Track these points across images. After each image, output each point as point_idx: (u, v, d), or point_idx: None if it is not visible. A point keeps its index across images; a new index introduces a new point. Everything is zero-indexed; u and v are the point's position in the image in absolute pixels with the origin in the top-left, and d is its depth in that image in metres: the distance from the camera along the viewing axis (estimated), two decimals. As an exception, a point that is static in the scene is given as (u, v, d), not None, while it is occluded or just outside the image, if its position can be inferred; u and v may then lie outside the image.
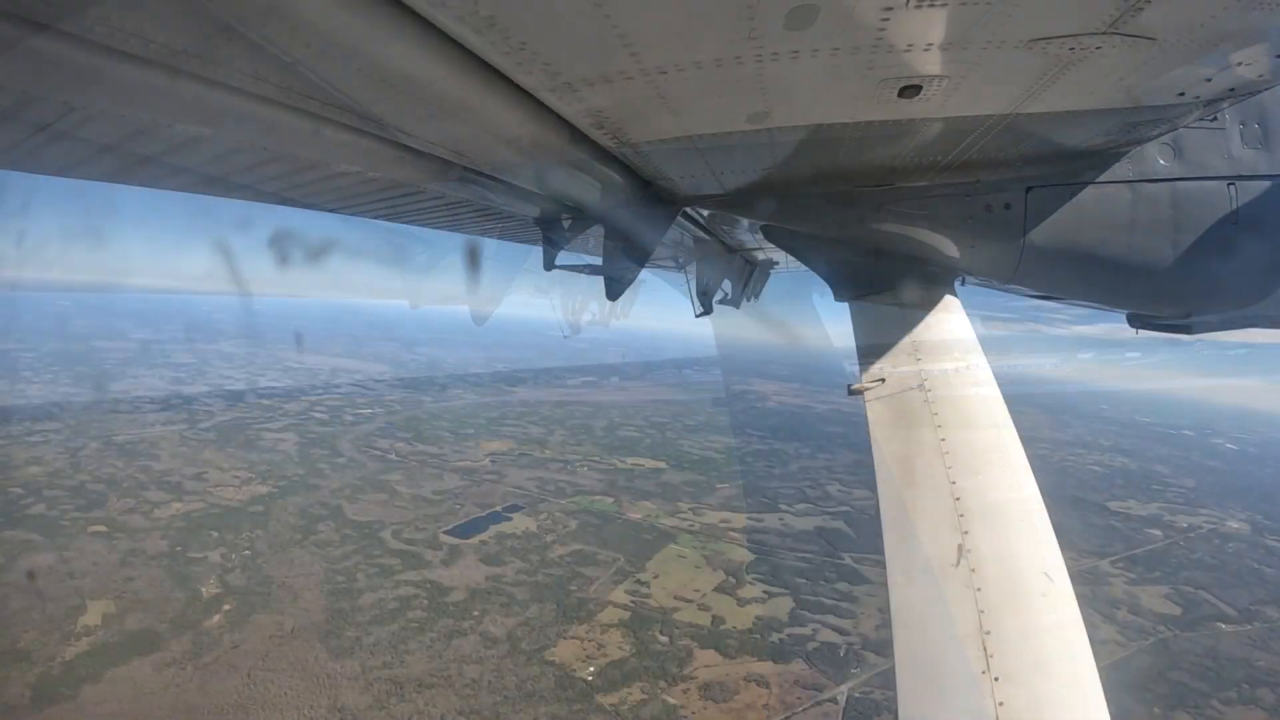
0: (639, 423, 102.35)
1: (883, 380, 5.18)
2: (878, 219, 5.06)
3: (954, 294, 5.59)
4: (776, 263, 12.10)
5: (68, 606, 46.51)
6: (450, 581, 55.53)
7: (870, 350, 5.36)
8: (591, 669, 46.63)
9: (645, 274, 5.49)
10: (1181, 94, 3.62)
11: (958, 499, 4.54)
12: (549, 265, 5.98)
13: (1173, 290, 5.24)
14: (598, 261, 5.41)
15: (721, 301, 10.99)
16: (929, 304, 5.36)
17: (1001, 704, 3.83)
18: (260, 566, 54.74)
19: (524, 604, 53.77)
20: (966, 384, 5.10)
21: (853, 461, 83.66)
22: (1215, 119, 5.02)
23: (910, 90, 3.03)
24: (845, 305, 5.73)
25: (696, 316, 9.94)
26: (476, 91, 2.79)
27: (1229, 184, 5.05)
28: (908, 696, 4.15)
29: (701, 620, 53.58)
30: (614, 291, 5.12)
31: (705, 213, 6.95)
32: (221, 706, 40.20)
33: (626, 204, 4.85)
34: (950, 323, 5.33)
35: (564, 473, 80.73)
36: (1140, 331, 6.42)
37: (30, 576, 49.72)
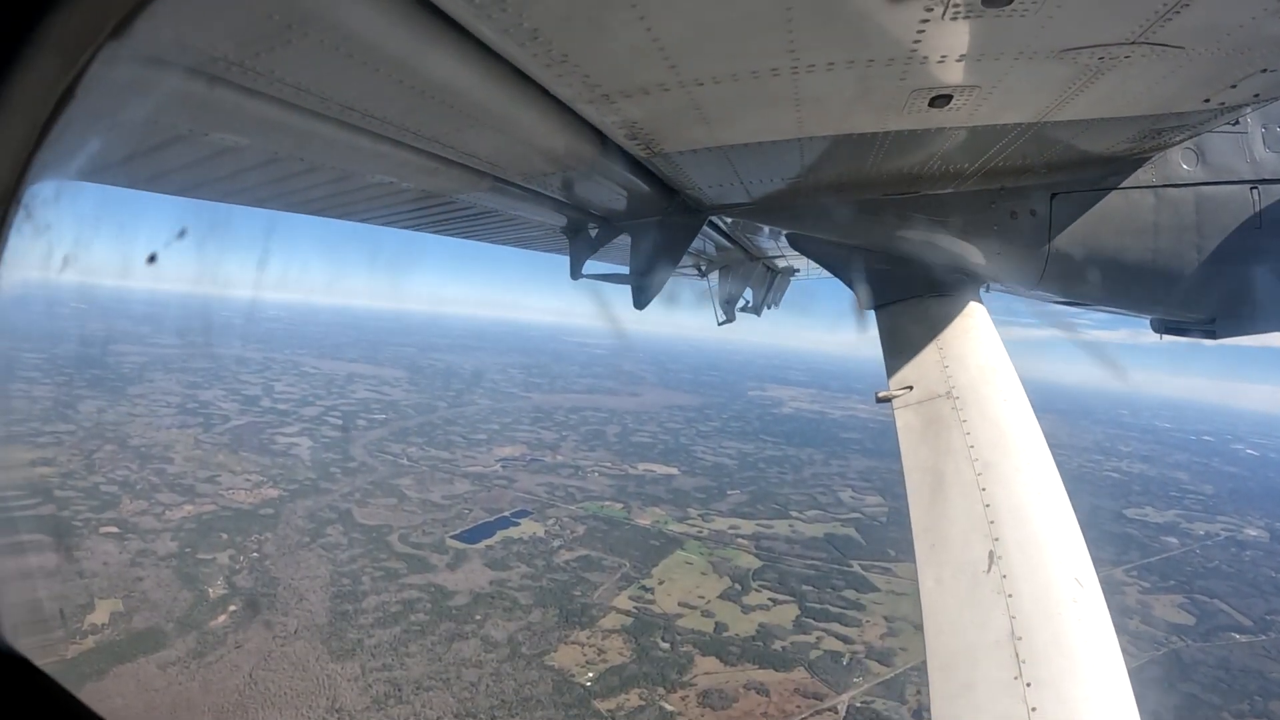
0: (653, 428, 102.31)
1: (910, 388, 5.18)
2: (903, 226, 5.09)
3: (979, 300, 5.60)
4: (797, 270, 12.13)
5: (76, 605, 46.74)
6: (454, 586, 55.70)
7: (897, 358, 5.37)
8: (590, 674, 46.74)
9: (670, 281, 5.52)
10: (1207, 100, 3.63)
11: (988, 505, 4.54)
12: (576, 274, 6.02)
13: (1197, 294, 5.24)
14: (625, 270, 5.44)
15: (744, 309, 11.02)
16: (955, 311, 5.37)
17: (1034, 709, 3.82)
18: (267, 568, 55.10)
19: (527, 609, 53.88)
20: (994, 390, 5.09)
21: (866, 468, 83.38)
22: (1238, 123, 5.04)
23: (941, 100, 3.06)
24: (871, 313, 5.75)
25: (720, 324, 9.95)
26: (513, 103, 2.84)
27: (1252, 188, 5.06)
28: (941, 702, 4.13)
29: (704, 627, 53.49)
30: (641, 300, 5.15)
31: (729, 221, 6.99)
32: (222, 705, 40.72)
33: (654, 213, 4.90)
34: (976, 329, 5.34)
35: (574, 478, 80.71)
36: (1164, 336, 6.41)
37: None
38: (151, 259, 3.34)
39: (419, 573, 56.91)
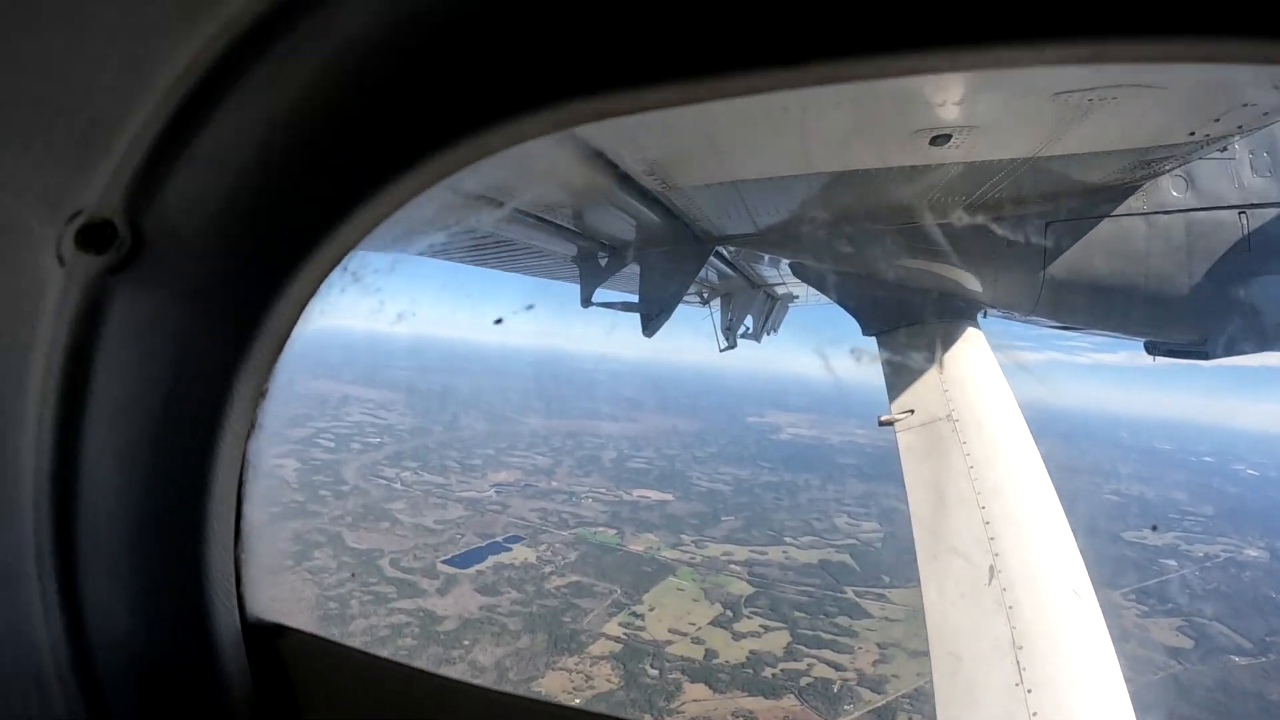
0: (649, 454, 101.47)
1: (911, 411, 5.33)
2: (904, 255, 5.25)
3: (977, 326, 5.76)
4: (796, 296, 12.29)
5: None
6: (444, 610, 55.19)
7: (898, 382, 5.52)
8: (577, 701, 45.96)
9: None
10: (1192, 133, 3.81)
11: (988, 522, 4.69)
12: (586, 301, 6.14)
13: (1189, 317, 5.40)
14: (634, 298, 5.57)
15: (744, 335, 11.14)
16: (954, 336, 5.54)
17: (1035, 714, 3.94)
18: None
19: (515, 634, 53.45)
20: (992, 412, 5.25)
21: (863, 493, 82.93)
22: (1225, 149, 5.21)
23: (941, 139, 3.22)
24: (872, 339, 5.91)
25: (721, 351, 10.08)
26: (547, 142, 2.95)
27: (1240, 212, 5.23)
28: (946, 706, 4.25)
29: (694, 654, 53.06)
30: (650, 328, 5.28)
31: (731, 250, 7.15)
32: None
33: (664, 243, 5.04)
34: (975, 354, 5.50)
35: (568, 504, 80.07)
36: (1158, 359, 6.56)
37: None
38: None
39: (408, 597, 56.30)
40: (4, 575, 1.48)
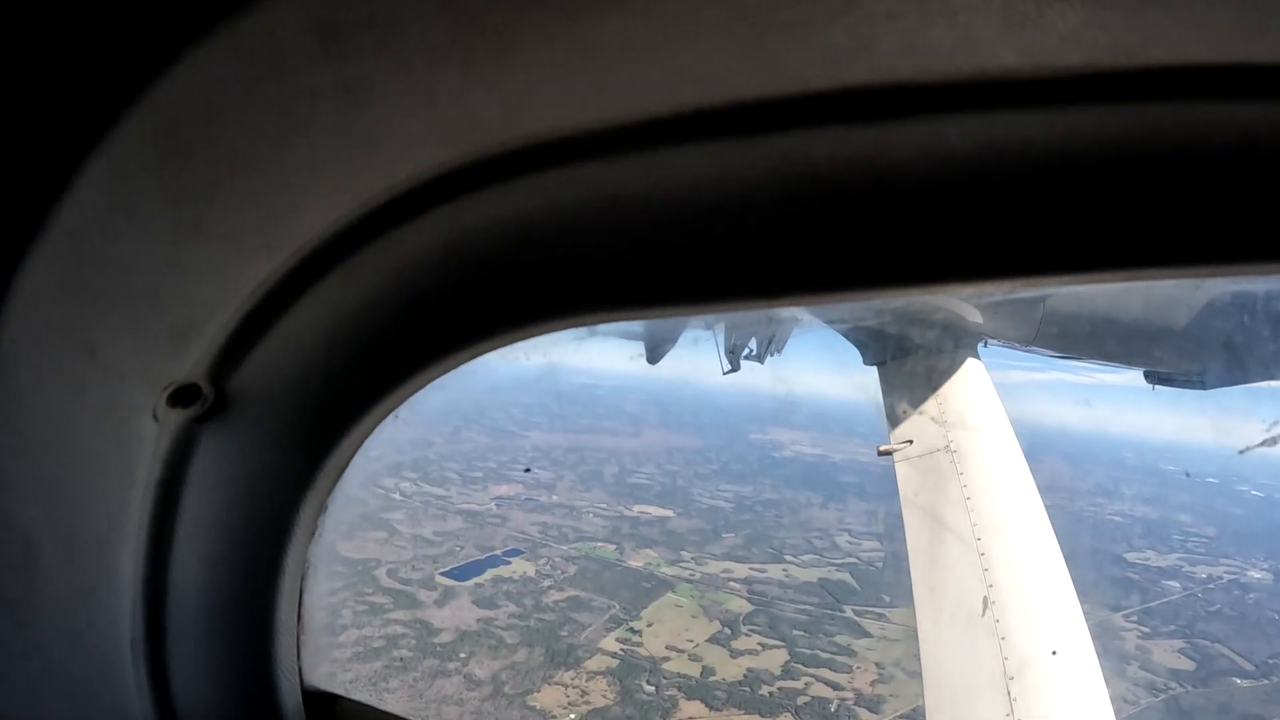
0: (650, 469, 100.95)
1: (910, 442, 5.37)
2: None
3: (977, 356, 5.81)
4: (800, 319, 12.36)
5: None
6: (441, 622, 55.07)
7: (898, 412, 5.57)
8: (573, 716, 46.27)
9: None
10: None
11: (983, 554, 4.73)
12: (591, 330, 6.18)
13: (1187, 348, 5.42)
14: (638, 327, 5.61)
15: (748, 357, 11.22)
16: (954, 367, 5.58)
17: None
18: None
19: (513, 648, 53.33)
20: (990, 445, 5.29)
21: (864, 512, 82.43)
22: None
23: None
24: (873, 369, 5.96)
25: (725, 374, 10.17)
26: None
27: None
28: None
29: (691, 670, 52.75)
30: (654, 356, 5.34)
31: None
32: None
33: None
34: (974, 386, 5.55)
35: (569, 518, 79.88)
36: (1156, 387, 6.59)
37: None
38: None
39: (405, 608, 56.28)
40: (108, 664, 1.77)
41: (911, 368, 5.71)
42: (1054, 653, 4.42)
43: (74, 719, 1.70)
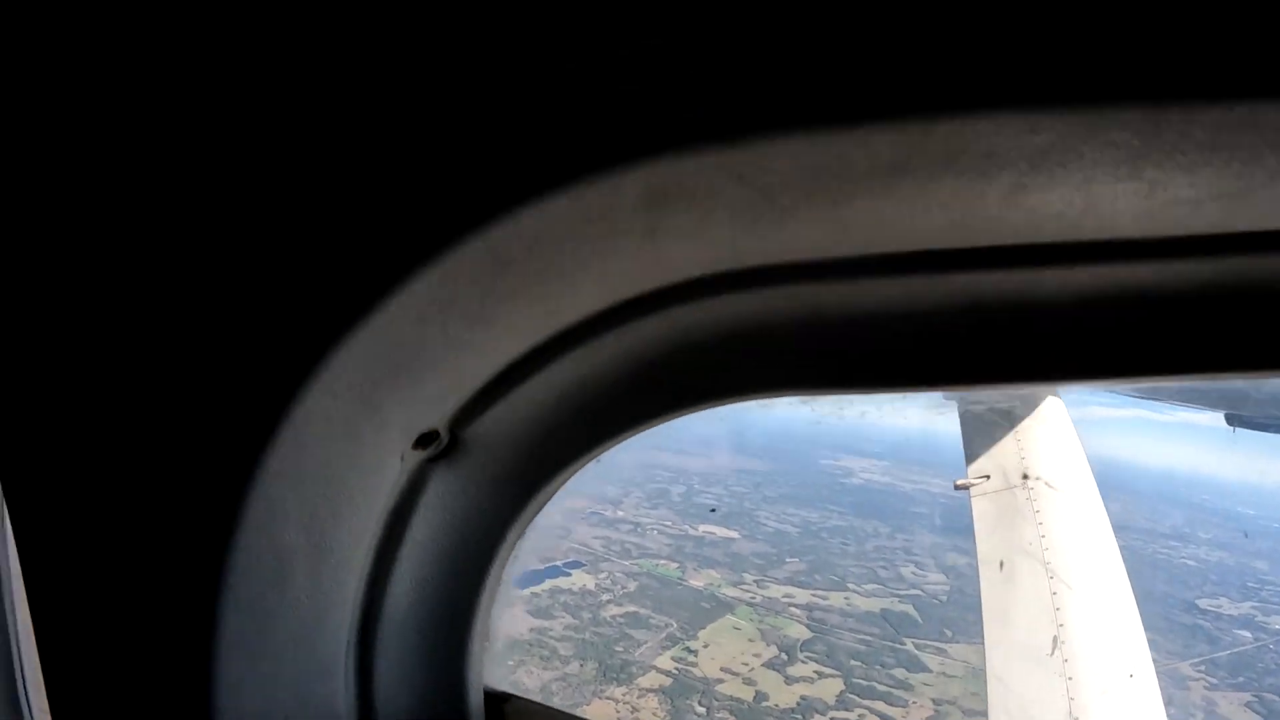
0: (718, 490, 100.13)
1: (988, 477, 5.34)
2: None
3: (1057, 395, 5.71)
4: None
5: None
6: (493, 629, 55.30)
7: (976, 448, 5.54)
8: (618, 731, 45.73)
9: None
10: None
11: (1054, 594, 4.70)
12: None
13: (1271, 393, 5.25)
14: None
15: None
16: (1032, 405, 5.51)
17: None
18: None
19: (565, 659, 53.58)
20: (1067, 485, 5.22)
21: (931, 544, 79.79)
22: None
23: None
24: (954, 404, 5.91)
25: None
26: None
27: None
28: None
29: (744, 694, 51.94)
30: None
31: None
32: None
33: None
34: (1053, 424, 5.47)
35: (633, 534, 79.96)
36: (1236, 429, 6.36)
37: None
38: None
39: (460, 613, 56.86)
40: (326, 668, 2.06)
41: (992, 404, 5.66)
42: (1119, 696, 4.33)
43: (293, 714, 1.94)
